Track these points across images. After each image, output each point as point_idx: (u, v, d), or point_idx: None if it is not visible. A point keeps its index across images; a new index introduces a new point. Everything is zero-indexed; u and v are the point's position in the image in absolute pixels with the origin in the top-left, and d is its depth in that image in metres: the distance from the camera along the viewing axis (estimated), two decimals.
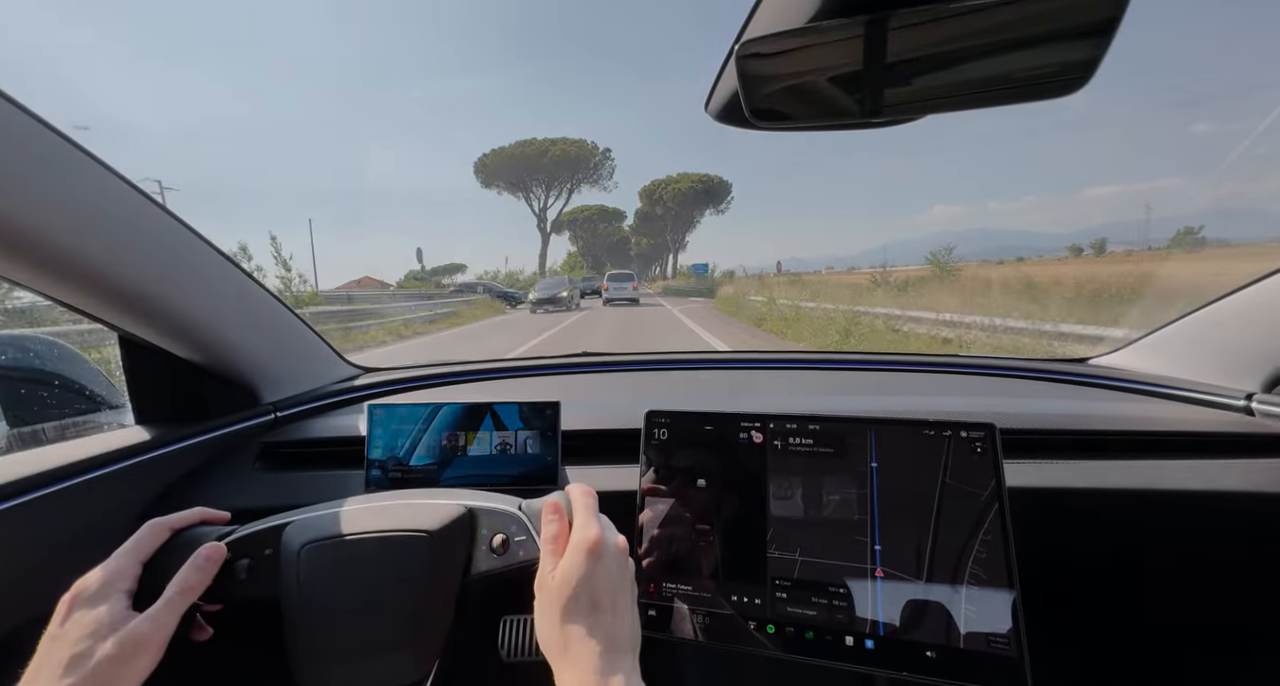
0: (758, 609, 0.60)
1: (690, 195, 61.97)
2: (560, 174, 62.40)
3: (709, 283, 36.26)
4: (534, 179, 62.81)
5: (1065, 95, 0.50)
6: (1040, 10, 0.45)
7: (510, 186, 62.96)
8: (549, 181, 63.34)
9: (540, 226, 68.41)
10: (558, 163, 60.37)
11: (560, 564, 0.47)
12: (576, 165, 61.42)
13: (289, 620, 0.51)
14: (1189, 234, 23.03)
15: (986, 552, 0.56)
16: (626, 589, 0.48)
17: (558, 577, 0.46)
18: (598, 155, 61.95)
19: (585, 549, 0.47)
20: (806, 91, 0.56)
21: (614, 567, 0.48)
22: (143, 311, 0.73)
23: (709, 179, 61.62)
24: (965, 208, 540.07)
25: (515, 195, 64.41)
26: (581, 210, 74.55)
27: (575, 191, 66.19)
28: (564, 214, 72.58)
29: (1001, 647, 0.53)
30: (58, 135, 0.57)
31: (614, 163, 63.15)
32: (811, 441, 0.63)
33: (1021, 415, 0.86)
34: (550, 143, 59.94)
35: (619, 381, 1.26)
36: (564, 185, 64.57)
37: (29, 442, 0.83)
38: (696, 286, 35.92)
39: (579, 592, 0.45)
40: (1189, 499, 0.75)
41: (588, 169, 62.39)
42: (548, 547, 0.50)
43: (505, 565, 0.54)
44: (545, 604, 0.47)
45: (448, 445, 0.80)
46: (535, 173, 61.47)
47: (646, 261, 78.63)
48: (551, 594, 0.46)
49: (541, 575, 0.48)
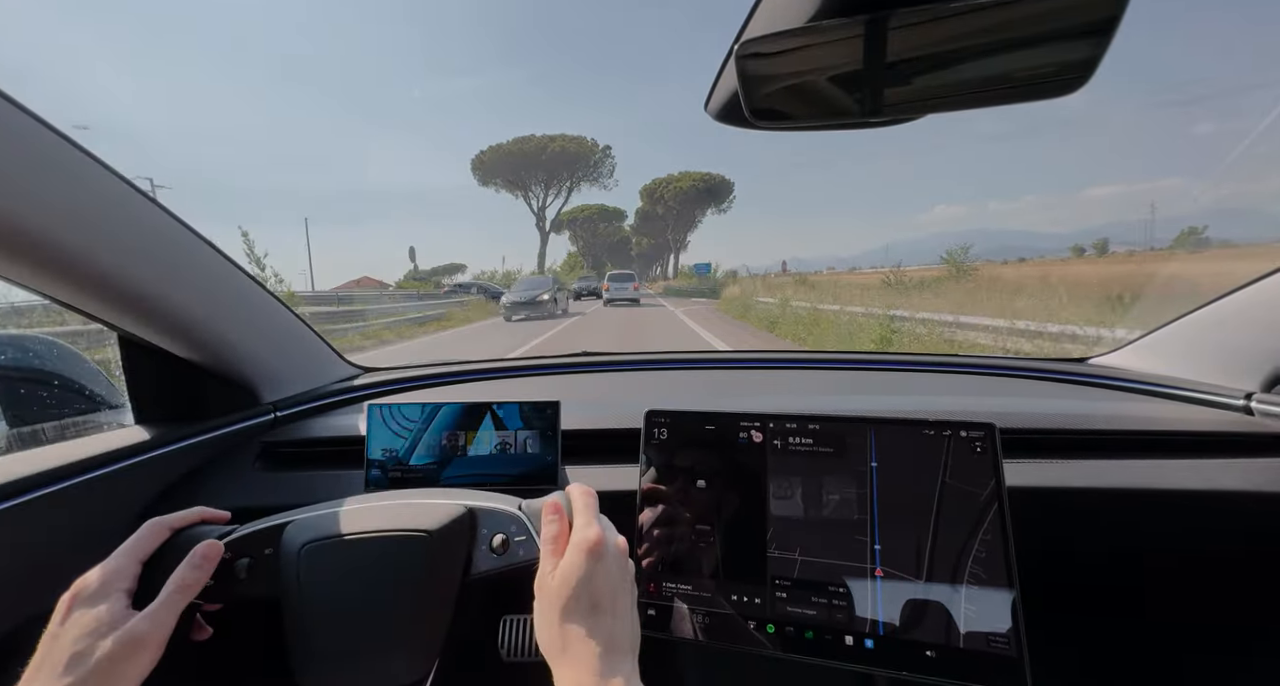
0: (757, 608, 0.60)
1: (692, 193, 60.52)
2: (559, 171, 59.97)
3: (711, 282, 35.08)
4: (532, 177, 60.35)
5: (1065, 95, 0.50)
6: (1040, 10, 0.45)
7: (509, 184, 60.62)
8: (548, 179, 60.97)
9: (539, 225, 65.63)
10: (556, 160, 58.24)
11: (560, 564, 0.47)
12: (576, 162, 59.19)
13: (289, 619, 0.51)
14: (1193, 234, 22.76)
15: (986, 552, 0.56)
16: (626, 590, 0.48)
17: (558, 578, 0.46)
18: (598, 152, 59.31)
19: (585, 549, 0.47)
20: (806, 91, 0.56)
21: (614, 568, 0.48)
22: (142, 311, 0.73)
23: (711, 177, 60.64)
24: (966, 208, 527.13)
25: (514, 194, 61.92)
26: (581, 210, 72.70)
27: (575, 190, 63.62)
28: (564, 213, 70.77)
29: (1001, 647, 0.53)
30: (57, 135, 0.57)
31: (614, 161, 60.68)
32: (811, 441, 0.63)
33: (1021, 415, 0.86)
34: (549, 139, 57.59)
35: (619, 381, 1.26)
36: (563, 183, 62.05)
37: (29, 442, 0.83)
38: (699, 286, 34.72)
39: (579, 593, 0.45)
40: (1189, 498, 0.75)
41: (587, 166, 59.94)
42: (548, 548, 0.50)
43: (505, 565, 0.54)
44: (545, 604, 0.47)
45: (448, 445, 0.80)
46: (534, 170, 59.28)
47: (647, 261, 77.13)
48: (551, 594, 0.46)
49: (541, 575, 0.48)
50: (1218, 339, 0.98)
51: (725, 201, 62.49)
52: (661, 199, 62.35)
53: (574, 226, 74.15)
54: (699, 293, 31.35)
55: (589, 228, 74.75)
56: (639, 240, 76.00)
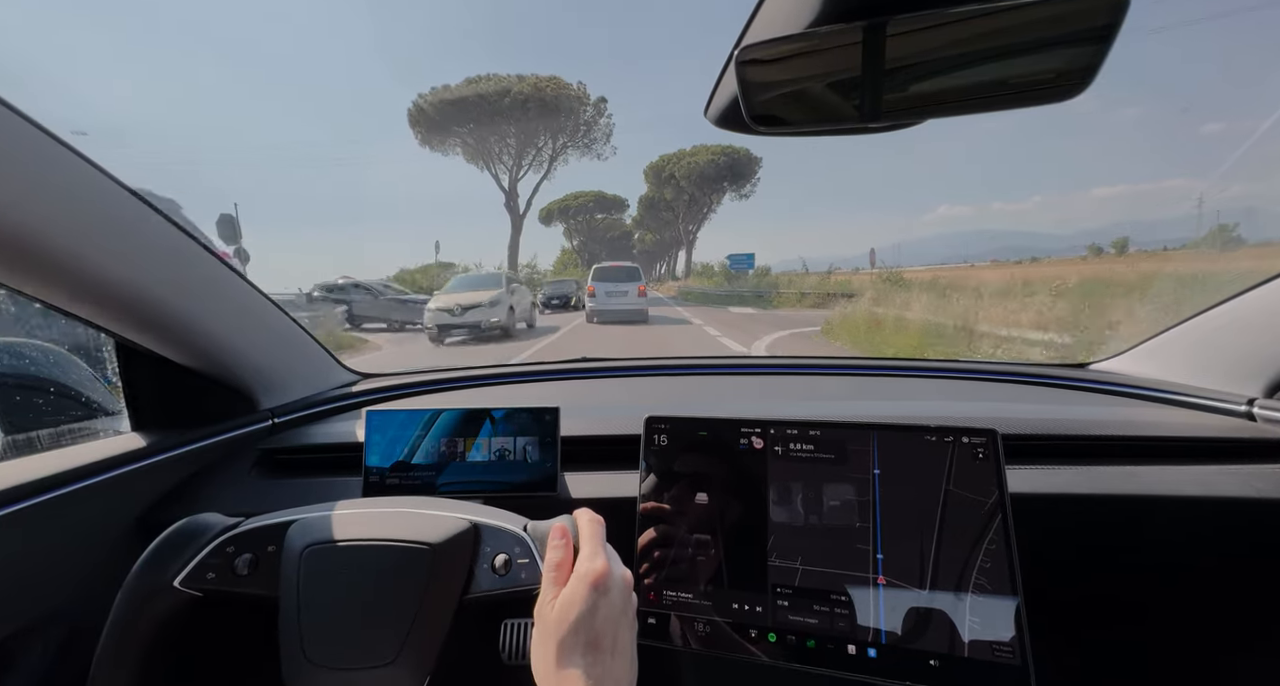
0: (758, 617, 0.59)
1: (710, 171, 42.19)
2: (534, 131, 38.72)
3: (752, 282, 24.78)
4: (497, 137, 38.78)
5: (1064, 100, 0.50)
6: (1039, 16, 0.45)
7: (467, 149, 38.73)
8: (520, 143, 39.19)
9: (509, 205, 41.84)
10: (525, 110, 36.54)
11: (562, 594, 0.46)
12: (556, 117, 38.08)
13: (285, 622, 0.51)
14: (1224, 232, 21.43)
15: (991, 561, 0.55)
16: (627, 625, 0.47)
17: (558, 609, 0.45)
18: (587, 105, 38.22)
19: (590, 581, 0.45)
20: (805, 97, 0.56)
21: (617, 602, 0.46)
22: (140, 317, 0.73)
23: (733, 151, 41.64)
24: (971, 208, 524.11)
25: (476, 165, 39.68)
26: (575, 197, 54.33)
27: (560, 159, 40.67)
28: (554, 202, 53.14)
29: (1006, 656, 0.53)
30: (55, 141, 0.57)
31: (611, 121, 39.29)
32: (813, 447, 0.63)
33: (1023, 420, 0.86)
34: (516, 80, 36.45)
35: (618, 387, 1.26)
36: (542, 148, 39.86)
37: (24, 449, 0.83)
38: (734, 290, 23.80)
39: (578, 628, 0.44)
40: (1191, 504, 0.75)
41: (574, 126, 38.78)
42: (550, 575, 0.48)
43: (506, 588, 0.53)
44: (542, 635, 0.45)
45: (446, 451, 0.80)
46: (496, 125, 37.83)
47: (651, 258, 61.71)
48: (550, 626, 0.45)
49: (541, 603, 0.47)
50: (1219, 344, 0.98)
51: (749, 183, 44.32)
52: (671, 179, 44.30)
53: (565, 216, 55.74)
54: (734, 298, 21.62)
55: (583, 218, 56.95)
56: (643, 235, 60.75)
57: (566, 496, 0.79)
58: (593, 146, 40.28)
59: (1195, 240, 24.16)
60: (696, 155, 42.80)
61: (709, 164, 42.26)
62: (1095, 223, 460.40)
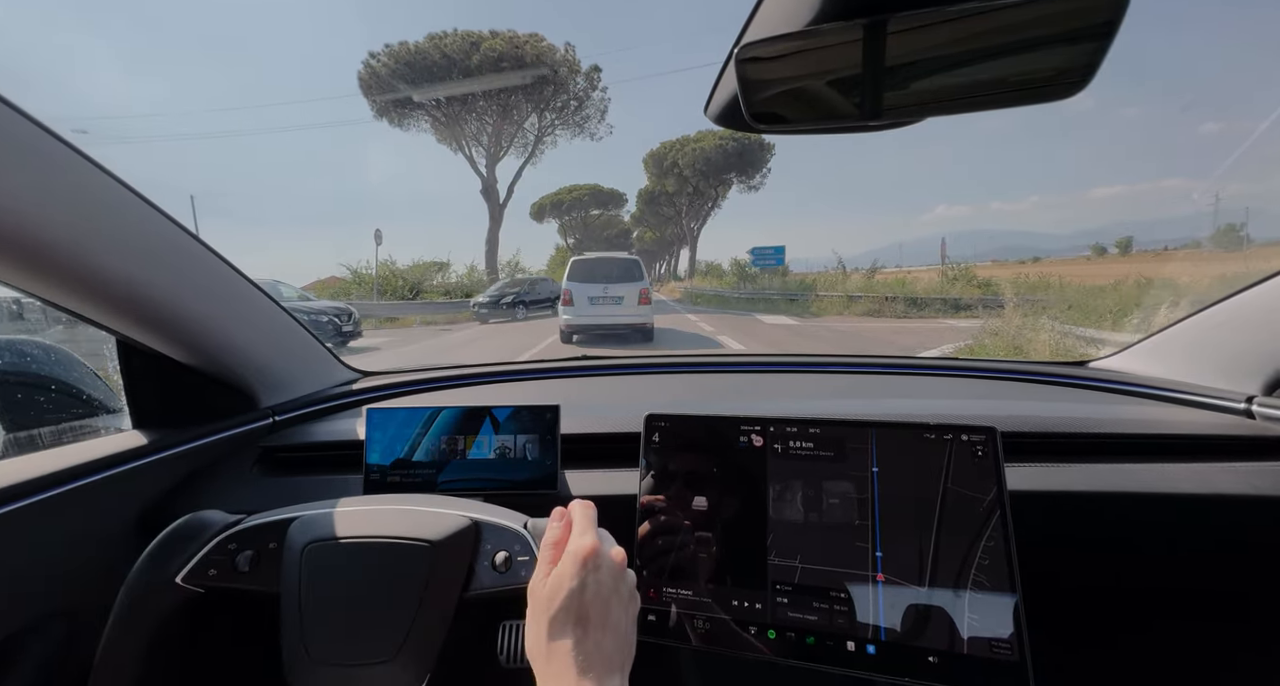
0: (758, 614, 0.59)
1: (718, 158, 36.64)
2: (513, 101, 29.46)
3: (779, 281, 20.15)
4: (475, 114, 29.76)
5: (1064, 98, 0.50)
6: (1039, 14, 0.45)
7: (434, 121, 29.42)
8: (499, 113, 29.93)
9: (485, 192, 32.74)
10: (495, 68, 27.26)
11: (553, 572, 0.47)
12: (536, 82, 28.41)
13: (286, 619, 0.51)
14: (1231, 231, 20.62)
15: (990, 558, 0.56)
16: (622, 602, 0.47)
17: (548, 586, 0.46)
18: (577, 74, 29.82)
19: (579, 558, 0.46)
20: (805, 95, 0.56)
21: (607, 580, 0.47)
22: (141, 315, 0.73)
23: (743, 136, 31.55)
24: (969, 208, 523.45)
25: (449, 144, 30.84)
26: (569, 191, 48.15)
27: (549, 139, 32.36)
28: (546, 196, 47.18)
29: (1004, 652, 0.53)
30: (57, 139, 0.57)
31: (607, 95, 31.39)
32: (812, 445, 0.63)
33: (1022, 418, 0.86)
34: (488, 35, 27.71)
35: (618, 385, 1.26)
36: (522, 122, 30.97)
37: (25, 447, 0.83)
38: (757, 291, 19.46)
39: (568, 604, 0.44)
40: (1190, 502, 0.75)
41: (561, 97, 30.21)
42: (545, 554, 0.49)
43: (506, 585, 0.54)
44: (534, 611, 0.46)
45: (447, 449, 0.80)
46: (469, 99, 28.52)
47: (650, 257, 57.26)
48: (541, 602, 0.46)
49: (534, 581, 0.48)
50: (1218, 342, 0.98)
51: (759, 173, 38.94)
52: (674, 168, 39.14)
53: (559, 212, 50.35)
54: (758, 302, 17.66)
55: (578, 214, 51.33)
56: (642, 232, 56.38)
57: (567, 494, 0.79)
58: (585, 124, 32.12)
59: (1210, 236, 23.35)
60: (702, 141, 37.34)
61: (716, 150, 36.89)
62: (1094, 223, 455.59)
